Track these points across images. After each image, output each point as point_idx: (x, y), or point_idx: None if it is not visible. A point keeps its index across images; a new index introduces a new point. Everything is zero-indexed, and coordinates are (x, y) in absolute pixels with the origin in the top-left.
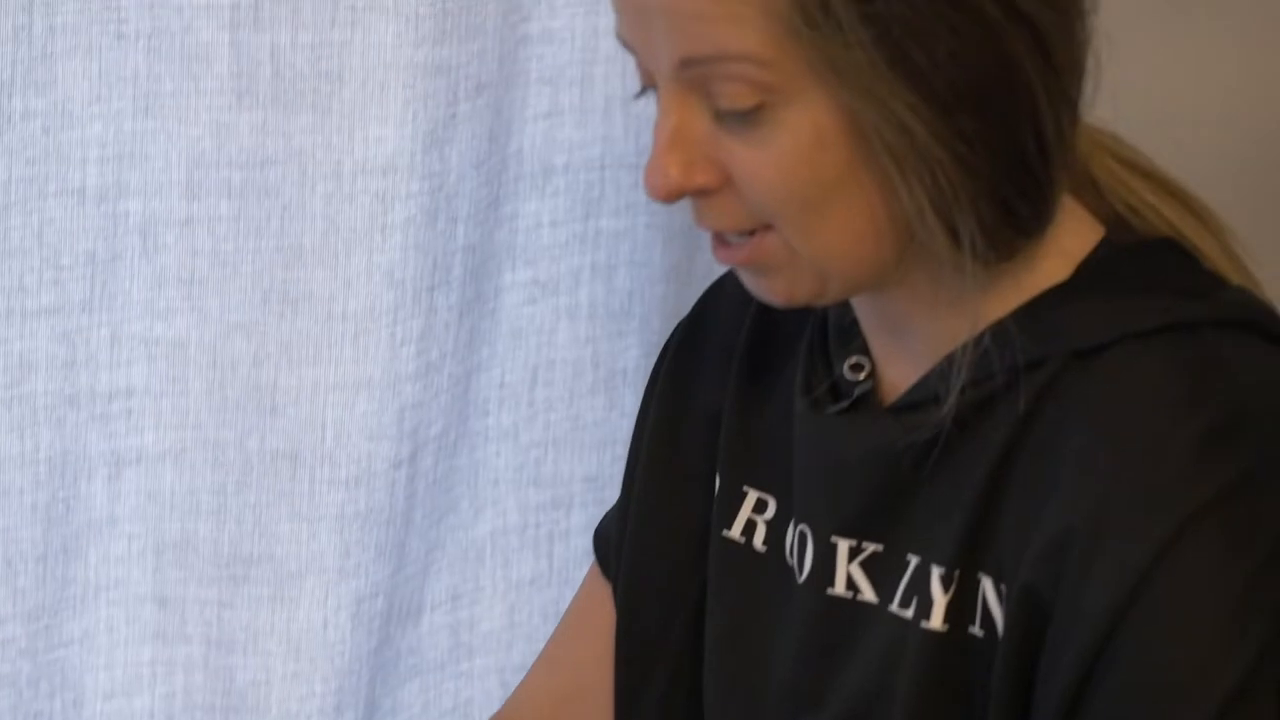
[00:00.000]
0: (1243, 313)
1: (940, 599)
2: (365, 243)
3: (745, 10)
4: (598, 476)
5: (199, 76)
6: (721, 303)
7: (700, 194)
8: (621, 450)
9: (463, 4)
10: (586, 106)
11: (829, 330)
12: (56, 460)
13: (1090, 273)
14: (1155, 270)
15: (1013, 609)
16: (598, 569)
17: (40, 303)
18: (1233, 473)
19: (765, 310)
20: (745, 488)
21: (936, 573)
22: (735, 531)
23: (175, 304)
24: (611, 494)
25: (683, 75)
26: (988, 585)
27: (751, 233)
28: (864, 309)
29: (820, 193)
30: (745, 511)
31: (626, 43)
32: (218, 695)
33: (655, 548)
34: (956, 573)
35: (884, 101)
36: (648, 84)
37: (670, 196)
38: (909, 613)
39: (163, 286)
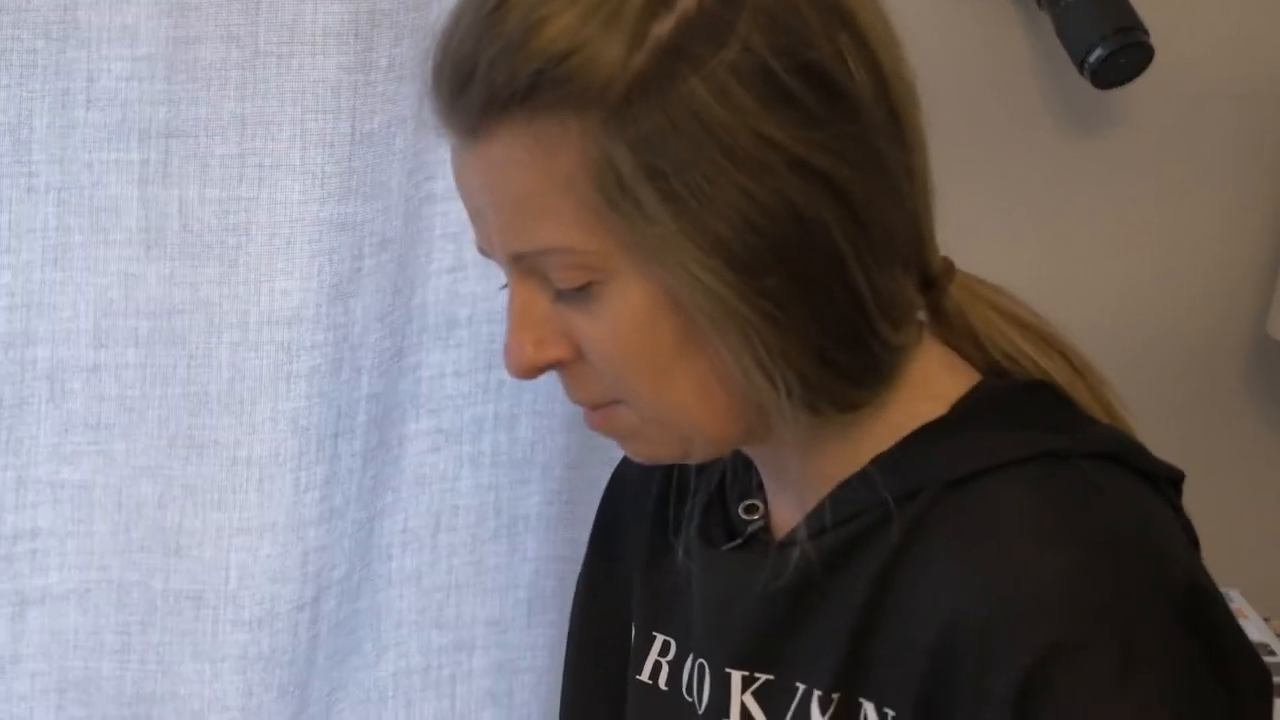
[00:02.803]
0: (1110, 446)
1: None
2: (270, 390)
3: (556, 203)
4: (500, 620)
5: (108, 229)
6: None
7: (558, 367)
8: (524, 594)
9: (368, 162)
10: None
11: (726, 475)
12: None
13: (964, 411)
14: (1027, 407)
15: None
16: None
17: None
18: (1099, 602)
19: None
20: (653, 632)
21: (816, 696)
22: (645, 674)
23: (81, 448)
24: (513, 637)
25: (519, 265)
26: (869, 710)
27: (615, 401)
28: (752, 455)
29: (659, 361)
30: (653, 655)
31: (481, 249)
32: None
33: (587, 697)
34: (835, 696)
35: (689, 269)
36: (507, 278)
37: (529, 372)
38: None
39: (69, 431)
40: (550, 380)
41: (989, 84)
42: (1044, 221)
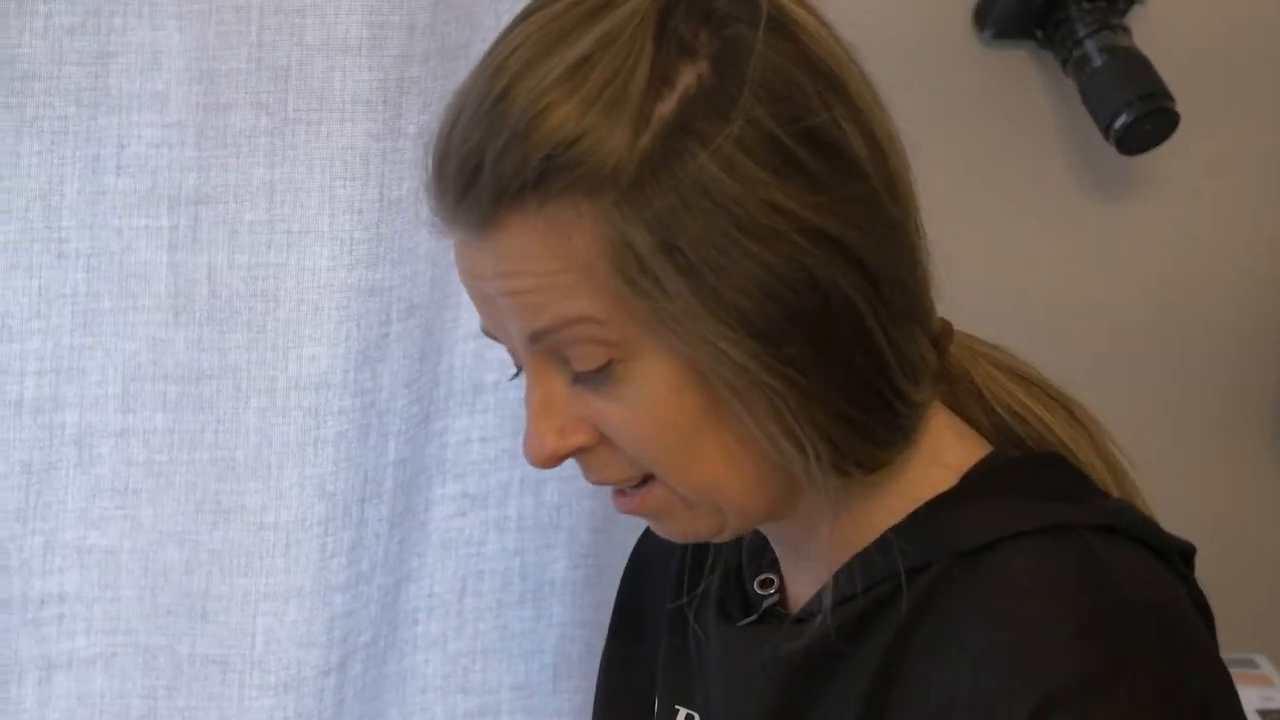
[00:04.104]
0: (1120, 519)
1: None
2: (298, 456)
3: (571, 279)
4: (525, 685)
5: (137, 294)
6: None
7: (580, 452)
8: (550, 659)
9: (396, 228)
10: None
11: (744, 550)
12: None
13: (975, 481)
14: (1038, 478)
15: None
16: None
17: None
18: (1103, 662)
19: None
20: (676, 706)
21: None
22: None
23: (109, 513)
24: (539, 702)
25: (536, 348)
26: None
27: (642, 482)
28: (769, 529)
29: (685, 436)
30: None
31: (488, 333)
32: None
33: None
34: None
35: (712, 343)
36: (517, 365)
37: (550, 462)
38: None
39: (97, 496)
40: None
41: (1015, 149)
42: (1070, 286)
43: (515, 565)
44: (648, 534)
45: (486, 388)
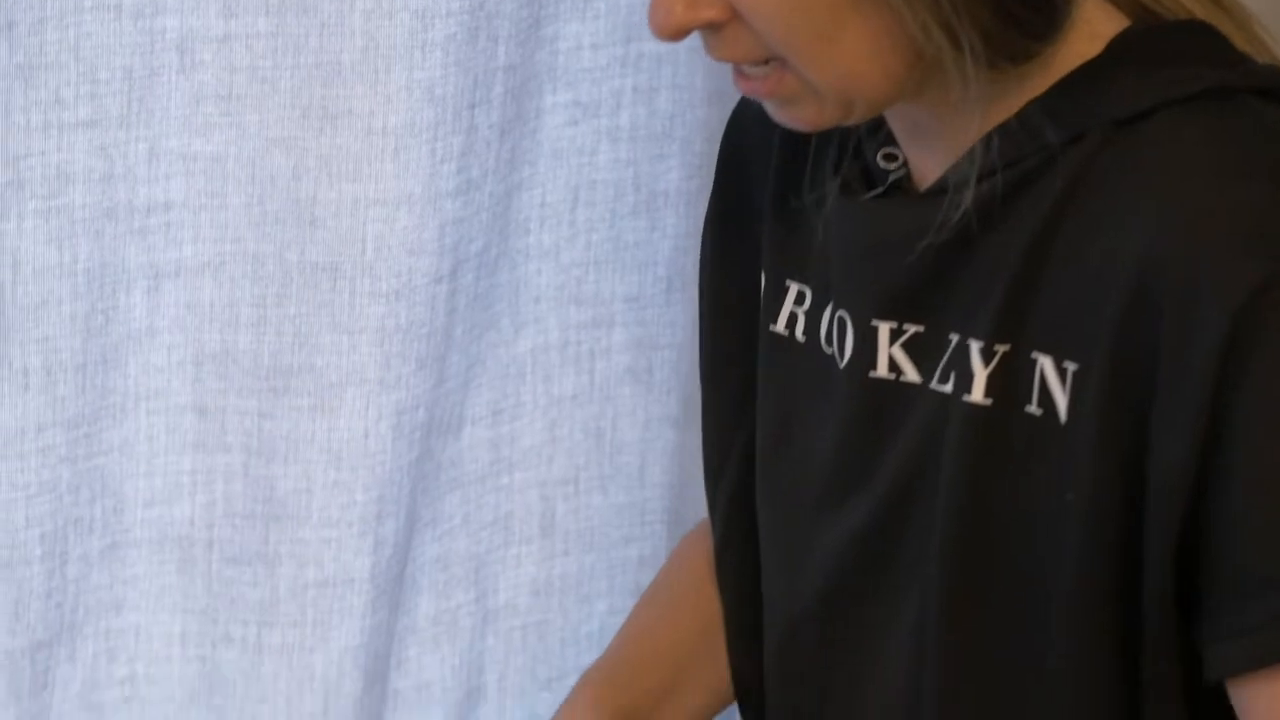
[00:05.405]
0: (1275, 82)
1: (980, 372)
2: (405, 59)
3: None
4: (639, 296)
5: None
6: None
7: (708, 27)
8: (663, 271)
9: None
10: None
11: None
12: (95, 272)
13: (1122, 48)
14: (1187, 45)
15: (1091, 386)
16: None
17: (78, 116)
18: None
19: None
20: (787, 281)
21: (975, 347)
22: (780, 326)
23: (213, 119)
24: (652, 314)
25: None
26: (1046, 363)
27: (768, 63)
28: (892, 113)
29: (823, 19)
30: (788, 305)
31: None
32: (258, 503)
33: (721, 349)
34: (1001, 347)
35: None
36: None
37: (676, 34)
38: (948, 388)
39: (200, 103)
40: (691, 53)
41: None
42: None
43: (628, 175)
44: (742, 107)
45: None
